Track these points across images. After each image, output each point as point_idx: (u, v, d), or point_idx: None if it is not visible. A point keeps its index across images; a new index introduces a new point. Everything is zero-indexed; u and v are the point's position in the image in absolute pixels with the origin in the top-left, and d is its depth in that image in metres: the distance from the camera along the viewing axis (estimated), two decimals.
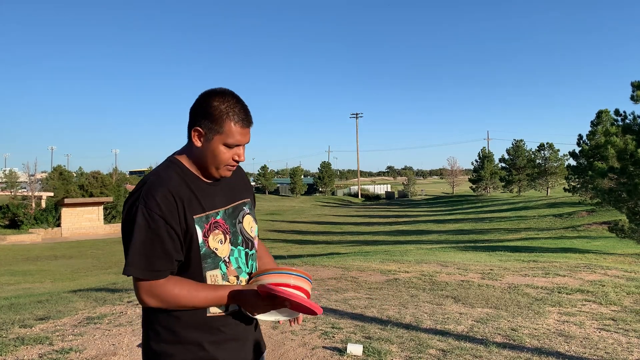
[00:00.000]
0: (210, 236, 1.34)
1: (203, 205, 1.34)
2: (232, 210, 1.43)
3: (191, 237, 1.30)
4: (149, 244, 1.25)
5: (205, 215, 1.34)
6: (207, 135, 1.33)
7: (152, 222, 1.25)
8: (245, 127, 1.35)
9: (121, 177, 48.60)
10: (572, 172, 32.07)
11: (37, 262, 19.54)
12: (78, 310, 5.31)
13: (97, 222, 31.96)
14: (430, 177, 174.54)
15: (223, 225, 1.38)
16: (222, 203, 1.41)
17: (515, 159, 53.35)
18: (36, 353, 3.76)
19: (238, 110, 1.34)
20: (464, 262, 8.71)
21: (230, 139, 1.33)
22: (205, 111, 1.33)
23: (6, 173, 47.24)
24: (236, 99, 1.37)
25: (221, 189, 1.43)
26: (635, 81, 13.28)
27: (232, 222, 1.42)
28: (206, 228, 1.33)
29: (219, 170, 1.37)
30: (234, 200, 1.46)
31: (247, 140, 1.38)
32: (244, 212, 1.48)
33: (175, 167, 1.37)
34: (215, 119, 1.32)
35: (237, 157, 1.37)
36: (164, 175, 1.33)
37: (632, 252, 15.19)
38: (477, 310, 4.94)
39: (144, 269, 1.25)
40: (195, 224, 1.31)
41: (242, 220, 1.45)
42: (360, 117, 65.98)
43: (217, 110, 1.32)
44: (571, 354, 3.61)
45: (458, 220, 34.47)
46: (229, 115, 1.32)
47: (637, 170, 13.19)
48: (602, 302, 5.22)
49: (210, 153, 1.34)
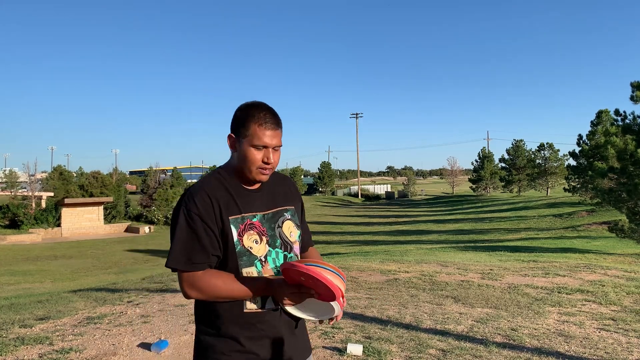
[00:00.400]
0: (244, 236, 1.46)
1: (240, 208, 1.47)
2: (272, 215, 1.54)
3: (227, 236, 1.43)
4: (188, 240, 1.41)
5: (241, 217, 1.46)
6: (238, 140, 1.48)
7: (191, 221, 1.41)
8: (269, 129, 1.45)
9: (121, 177, 48.65)
10: (572, 172, 32.08)
11: (37, 262, 19.54)
12: (78, 310, 5.31)
13: (97, 222, 31.95)
14: (430, 177, 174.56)
15: (259, 227, 1.49)
16: (262, 208, 1.52)
17: (515, 159, 53.34)
18: (36, 353, 3.76)
19: (263, 115, 1.46)
20: (464, 262, 8.71)
21: (256, 141, 1.44)
22: (235, 119, 1.49)
23: (6, 173, 47.21)
24: (262, 105, 1.50)
25: (263, 196, 1.54)
26: (635, 81, 13.28)
27: (271, 226, 1.52)
28: (241, 228, 1.45)
29: (252, 173, 1.48)
30: (275, 207, 1.56)
31: (275, 142, 1.47)
32: (285, 218, 1.57)
33: (217, 174, 1.52)
34: (243, 123, 1.46)
35: (266, 159, 1.46)
36: (205, 181, 1.50)
37: (632, 252, 15.19)
38: (477, 310, 4.94)
39: (184, 263, 1.41)
40: (231, 224, 1.44)
41: (281, 224, 1.55)
42: (360, 117, 66.05)
43: (244, 115, 1.47)
44: (571, 354, 3.61)
45: (458, 220, 34.47)
46: (253, 118, 1.45)
47: (637, 170, 13.19)
48: (602, 302, 5.22)
49: (242, 156, 1.47)
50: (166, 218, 34.58)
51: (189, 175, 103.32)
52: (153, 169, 45.22)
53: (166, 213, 34.99)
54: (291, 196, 1.65)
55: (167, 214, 34.87)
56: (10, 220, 29.45)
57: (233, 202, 1.46)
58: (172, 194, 36.98)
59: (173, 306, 5.33)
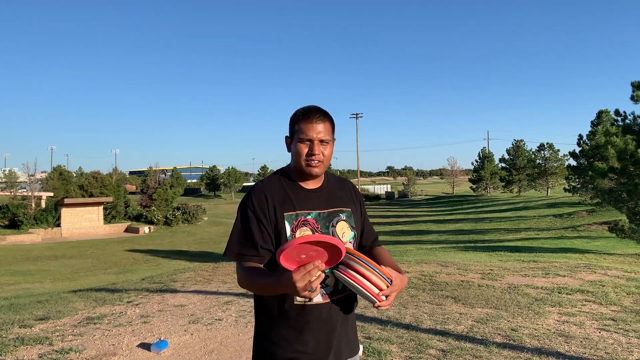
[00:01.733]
0: (297, 231, 1.53)
1: (295, 205, 1.56)
2: (327, 214, 1.61)
3: (280, 231, 1.53)
4: (241, 233, 1.55)
5: (295, 214, 1.55)
6: (291, 139, 1.61)
7: (246, 217, 1.55)
8: (313, 123, 1.55)
9: (121, 177, 48.61)
10: (572, 172, 32.08)
11: (37, 262, 19.53)
12: (78, 311, 5.30)
13: (97, 222, 31.92)
14: (430, 177, 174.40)
15: (313, 224, 1.56)
16: (318, 207, 1.60)
17: (515, 159, 53.33)
18: (36, 353, 3.76)
19: (306, 110, 1.58)
20: (464, 262, 8.70)
21: (301, 134, 1.56)
22: (289, 122, 1.63)
23: (6, 173, 47.23)
24: (310, 106, 1.61)
25: (320, 196, 1.63)
26: (635, 81, 13.28)
27: (326, 225, 1.59)
28: (295, 224, 1.54)
29: (302, 167, 1.57)
30: (331, 207, 1.63)
31: (318, 135, 1.55)
32: (340, 219, 1.63)
33: (278, 174, 1.65)
34: (292, 123, 1.60)
35: (310, 150, 1.55)
36: (265, 180, 1.64)
37: (632, 252, 15.19)
38: (477, 310, 4.94)
39: (236, 254, 1.54)
40: (285, 219, 1.53)
41: (335, 224, 1.61)
42: (360, 117, 65.93)
43: (293, 116, 1.61)
44: (571, 354, 3.61)
45: (458, 220, 34.46)
46: (300, 116, 1.58)
47: (637, 171, 13.19)
48: (602, 302, 5.22)
49: (293, 153, 1.59)
50: (166, 218, 34.55)
51: (189, 175, 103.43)
52: (153, 169, 45.21)
53: (166, 213, 34.95)
54: (349, 199, 1.71)
55: (167, 214, 34.84)
56: (10, 221, 29.41)
57: (289, 199, 1.56)
58: (172, 194, 36.95)
59: (173, 306, 5.33)
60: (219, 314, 4.97)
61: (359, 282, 1.42)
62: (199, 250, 23.54)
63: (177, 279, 7.18)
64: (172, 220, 34.41)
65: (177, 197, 38.43)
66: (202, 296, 5.86)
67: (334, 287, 1.56)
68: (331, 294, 1.55)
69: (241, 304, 5.36)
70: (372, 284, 1.43)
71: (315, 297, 1.52)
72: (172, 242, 27.18)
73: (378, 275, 1.44)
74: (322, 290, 1.54)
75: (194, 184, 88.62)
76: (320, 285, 1.50)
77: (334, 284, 1.55)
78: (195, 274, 7.65)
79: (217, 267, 8.24)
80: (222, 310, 5.10)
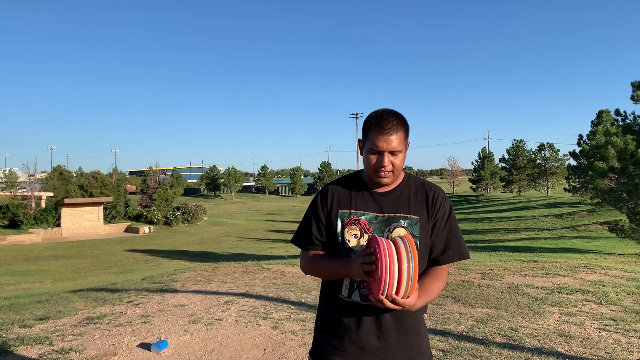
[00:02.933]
0: (346, 229, 1.60)
1: (352, 204, 1.62)
2: (386, 218, 1.61)
3: (332, 226, 1.62)
4: (303, 226, 1.70)
5: (348, 212, 1.61)
6: (363, 144, 1.62)
7: (310, 211, 1.69)
8: (384, 134, 1.54)
9: (121, 177, 48.61)
10: (573, 172, 32.09)
11: (37, 262, 19.53)
12: (78, 310, 5.30)
13: (97, 222, 31.93)
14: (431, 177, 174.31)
15: (364, 225, 1.59)
16: (377, 210, 1.62)
17: (515, 159, 53.36)
18: (36, 353, 3.76)
19: (378, 120, 1.56)
20: (464, 262, 8.70)
21: (370, 145, 1.56)
22: (363, 126, 1.64)
23: (6, 173, 47.26)
24: (383, 111, 1.59)
25: (386, 199, 1.63)
26: (635, 81, 13.28)
27: (381, 228, 1.59)
28: (346, 222, 1.60)
29: (371, 175, 1.61)
30: (393, 212, 1.61)
31: (388, 147, 1.55)
32: (398, 225, 1.60)
33: (351, 174, 1.72)
34: (365, 130, 1.61)
35: (379, 162, 1.56)
36: (337, 179, 1.73)
37: (633, 252, 15.20)
38: (477, 310, 4.94)
39: (299, 242, 1.70)
40: (339, 216, 1.62)
41: (392, 230, 1.59)
42: (360, 117, 65.97)
43: (366, 121, 1.61)
44: (571, 354, 3.61)
45: (458, 220, 34.30)
46: (372, 124, 1.57)
47: (637, 170, 13.19)
48: (602, 302, 5.22)
49: (364, 160, 1.62)
50: (166, 218, 34.55)
51: (188, 175, 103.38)
52: (153, 169, 45.22)
53: (166, 213, 34.95)
54: (421, 206, 1.63)
55: (167, 214, 34.84)
56: (10, 220, 29.41)
57: (348, 198, 1.64)
58: (171, 194, 36.95)
59: (173, 306, 5.33)
60: (219, 314, 4.97)
61: (385, 266, 1.35)
62: (199, 250, 23.55)
63: (177, 279, 7.18)
64: (172, 220, 34.42)
65: (177, 197, 38.43)
66: (202, 296, 5.86)
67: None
68: (369, 297, 1.50)
69: (241, 304, 5.36)
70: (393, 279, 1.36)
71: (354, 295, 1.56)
72: (172, 242, 27.20)
73: (408, 280, 1.37)
74: (361, 291, 1.54)
75: (194, 184, 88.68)
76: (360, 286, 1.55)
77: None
78: (195, 274, 7.65)
79: (217, 267, 8.24)
80: (222, 310, 5.10)
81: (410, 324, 1.58)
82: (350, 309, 1.57)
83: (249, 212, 53.32)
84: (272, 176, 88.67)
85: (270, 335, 4.21)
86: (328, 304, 1.64)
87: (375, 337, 1.55)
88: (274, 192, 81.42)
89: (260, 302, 5.45)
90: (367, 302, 1.51)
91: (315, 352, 1.65)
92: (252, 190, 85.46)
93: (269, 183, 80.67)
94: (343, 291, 1.58)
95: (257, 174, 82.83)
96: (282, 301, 5.51)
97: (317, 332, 1.69)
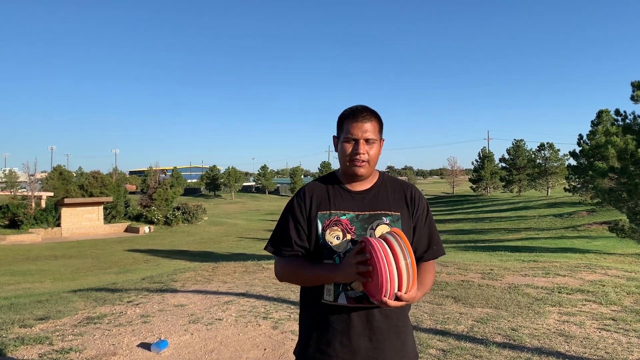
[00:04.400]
0: (327, 230, 1.55)
1: (331, 205, 1.58)
2: (368, 216, 1.58)
3: (312, 228, 1.57)
4: (279, 231, 1.62)
5: (328, 213, 1.57)
6: (338, 139, 1.62)
7: (285, 215, 1.62)
8: (356, 122, 1.55)
9: (121, 177, 48.58)
10: (573, 172, 32.06)
11: (37, 262, 19.53)
12: (78, 310, 5.30)
13: (97, 222, 31.91)
14: (431, 177, 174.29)
15: (346, 225, 1.56)
16: (357, 208, 1.58)
17: (515, 158, 53.34)
18: (36, 353, 3.76)
19: (353, 111, 1.58)
20: (464, 262, 8.70)
21: (345, 134, 1.57)
22: (337, 122, 1.63)
23: (6, 173, 47.23)
24: (357, 105, 1.60)
25: (365, 198, 1.61)
26: (635, 81, 13.28)
27: (364, 227, 1.56)
28: (326, 223, 1.56)
29: (347, 166, 1.58)
30: (374, 210, 1.59)
31: (363, 135, 1.55)
32: (381, 222, 1.58)
33: (327, 175, 1.68)
34: (339, 124, 1.61)
35: (355, 150, 1.55)
36: (314, 181, 1.69)
37: (633, 252, 15.19)
38: (477, 310, 4.94)
39: (273, 247, 1.62)
40: (318, 218, 1.57)
41: (375, 227, 1.57)
42: None
43: (340, 116, 1.61)
44: (571, 354, 3.61)
45: (458, 220, 34.46)
46: (345, 116, 1.59)
47: (637, 170, 13.18)
48: (602, 302, 5.22)
49: (339, 152, 1.60)
50: (166, 218, 34.54)
51: (189, 175, 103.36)
52: (153, 169, 45.22)
53: (166, 213, 34.94)
54: (400, 203, 1.62)
55: (167, 214, 34.83)
56: (10, 220, 29.39)
57: (327, 199, 1.59)
58: (172, 194, 36.93)
59: (173, 306, 5.33)
60: (219, 313, 4.97)
61: (384, 268, 1.32)
62: (199, 250, 23.53)
63: (177, 279, 7.18)
64: (172, 220, 34.40)
65: (177, 197, 38.40)
66: (202, 296, 5.86)
67: (362, 292, 1.49)
68: (357, 299, 1.49)
69: (241, 304, 5.36)
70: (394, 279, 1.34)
71: (340, 299, 1.51)
72: (172, 242, 27.18)
73: (408, 276, 1.36)
74: (348, 293, 1.50)
75: (194, 184, 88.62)
76: (346, 288, 1.50)
77: (362, 289, 1.48)
78: (195, 273, 7.65)
79: (217, 267, 8.24)
80: (222, 310, 5.10)
81: (401, 322, 1.58)
82: (337, 313, 1.52)
83: (249, 212, 53.31)
84: (272, 176, 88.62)
85: (270, 335, 4.21)
86: (311, 308, 1.58)
87: (367, 339, 1.51)
88: (274, 192, 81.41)
89: (260, 302, 5.45)
90: (356, 304, 1.49)
91: (302, 357, 1.59)
92: (252, 190, 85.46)
93: (269, 183, 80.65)
94: (326, 296, 1.53)
95: (257, 174, 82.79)
96: (282, 301, 5.51)
97: (302, 337, 1.61)
